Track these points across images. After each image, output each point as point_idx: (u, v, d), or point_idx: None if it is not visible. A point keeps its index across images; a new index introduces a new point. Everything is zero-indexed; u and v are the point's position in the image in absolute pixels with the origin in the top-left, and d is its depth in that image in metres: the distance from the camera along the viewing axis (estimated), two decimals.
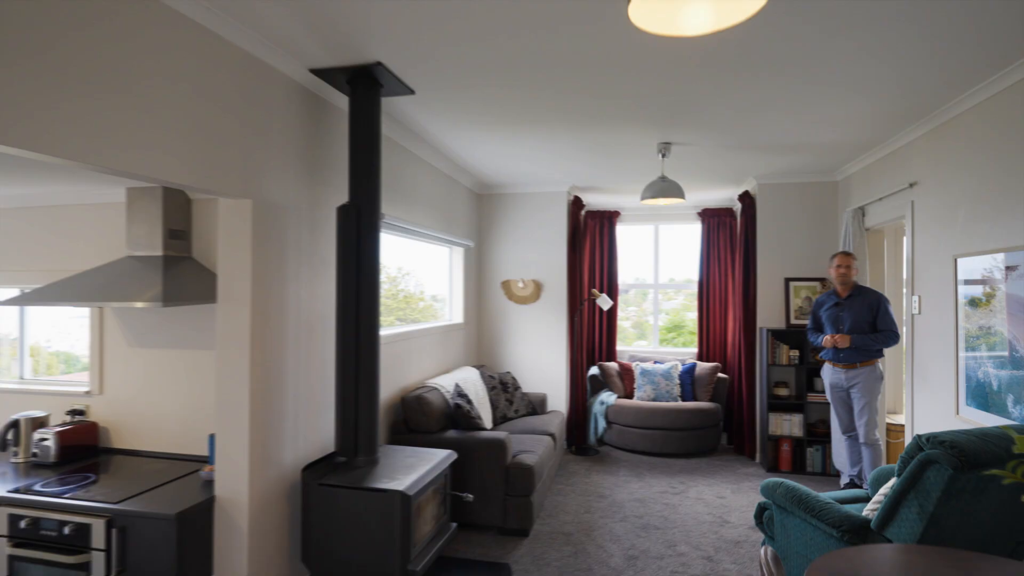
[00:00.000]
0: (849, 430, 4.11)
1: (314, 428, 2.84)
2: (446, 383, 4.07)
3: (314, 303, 2.85)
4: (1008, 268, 2.69)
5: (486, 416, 4.36)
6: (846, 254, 4.06)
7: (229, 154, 2.26)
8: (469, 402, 3.89)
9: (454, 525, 3.04)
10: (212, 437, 2.63)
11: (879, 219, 4.13)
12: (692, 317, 6.85)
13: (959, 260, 3.09)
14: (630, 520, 3.71)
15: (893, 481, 2.39)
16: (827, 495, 2.85)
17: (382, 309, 4.14)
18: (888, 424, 4.41)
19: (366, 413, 2.73)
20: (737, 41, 2.43)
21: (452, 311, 5.21)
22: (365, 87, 2.78)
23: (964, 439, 2.06)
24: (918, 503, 2.10)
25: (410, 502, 2.44)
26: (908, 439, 3.69)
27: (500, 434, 3.52)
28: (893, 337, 3.85)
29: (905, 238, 3.75)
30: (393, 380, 3.77)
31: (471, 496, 3.04)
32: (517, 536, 3.46)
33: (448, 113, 3.41)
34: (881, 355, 3.96)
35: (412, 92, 2.97)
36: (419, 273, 4.73)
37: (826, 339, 4.01)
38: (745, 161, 4.47)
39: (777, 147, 4.06)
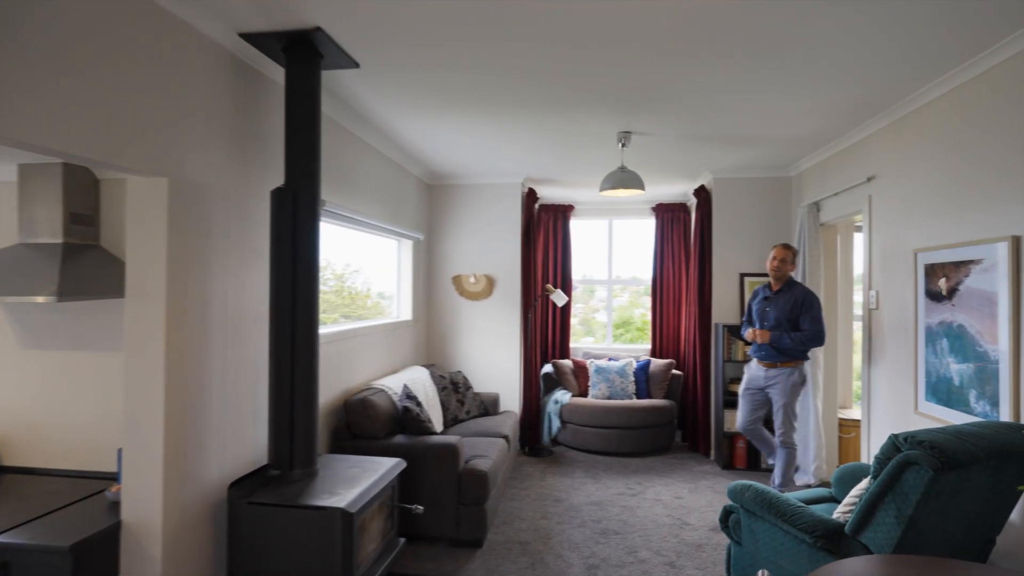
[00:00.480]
0: (749, 430, 4.03)
1: (244, 438, 2.52)
2: (393, 384, 3.80)
3: (244, 298, 2.53)
4: (971, 262, 2.68)
5: (436, 419, 4.11)
6: (784, 246, 3.92)
7: (139, 125, 1.93)
8: (418, 404, 3.63)
9: (402, 540, 2.78)
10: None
11: (835, 214, 4.14)
12: (640, 313, 6.81)
13: (919, 254, 3.08)
14: (588, 525, 3.55)
15: (866, 482, 2.31)
16: (791, 495, 2.77)
17: (326, 306, 3.82)
18: (840, 419, 4.45)
19: (304, 420, 2.44)
20: (707, 19, 2.28)
21: (400, 307, 4.91)
22: (303, 57, 2.48)
23: (942, 438, 1.98)
24: (896, 506, 2.02)
25: (352, 520, 2.18)
26: (865, 435, 3.70)
27: (452, 438, 3.29)
28: (815, 338, 3.70)
29: (862, 233, 3.75)
30: (335, 382, 3.46)
31: (421, 508, 2.80)
32: (470, 547, 3.23)
33: (397, 93, 3.13)
34: (806, 358, 3.84)
35: (357, 66, 2.68)
36: (367, 270, 4.42)
37: (748, 333, 3.94)
38: (702, 154, 4.40)
39: (736, 139, 4.00)
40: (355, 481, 2.44)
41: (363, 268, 4.36)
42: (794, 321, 3.77)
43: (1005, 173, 2.49)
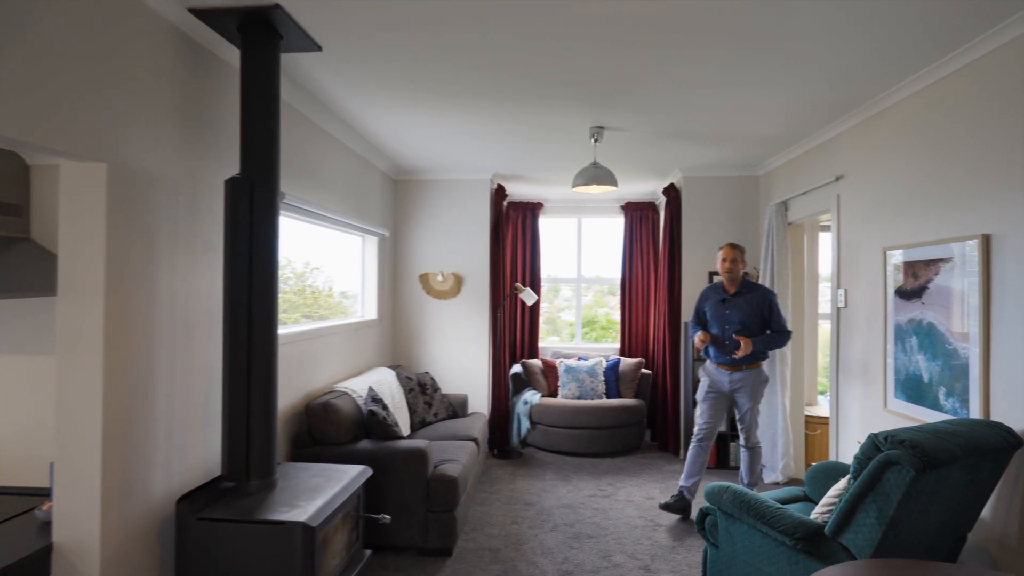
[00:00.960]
0: (707, 438, 3.74)
1: (194, 448, 2.33)
2: (358, 387, 3.63)
3: (195, 297, 2.33)
4: (941, 260, 2.70)
5: (403, 422, 3.96)
6: (732, 246, 3.69)
7: (74, 104, 1.73)
8: (384, 407, 3.48)
9: (368, 552, 2.63)
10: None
11: (803, 213, 4.17)
12: (604, 312, 6.78)
13: (889, 253, 3.10)
14: (561, 529, 3.47)
15: (844, 483, 2.29)
16: (765, 495, 2.74)
17: (287, 306, 3.63)
18: (807, 417, 4.49)
19: (261, 426, 2.27)
20: (685, 10, 2.22)
21: (365, 307, 4.73)
22: (260, 37, 2.30)
23: (923, 437, 1.96)
24: (877, 507, 1.99)
25: (314, 534, 2.02)
26: (834, 433, 3.72)
27: (420, 443, 3.15)
28: (787, 336, 3.64)
29: (830, 232, 3.77)
30: (296, 385, 3.28)
31: (388, 518, 2.65)
32: (439, 556, 3.10)
33: (362, 80, 2.98)
34: (765, 358, 3.73)
35: (319, 49, 2.52)
36: (329, 268, 4.22)
37: (699, 338, 3.64)
38: (674, 151, 4.37)
39: (708, 136, 3.97)
40: (317, 491, 2.28)
41: (325, 266, 4.16)
42: (761, 323, 3.63)
43: (976, 171, 2.51)
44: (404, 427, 3.96)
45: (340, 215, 3.73)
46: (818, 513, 2.32)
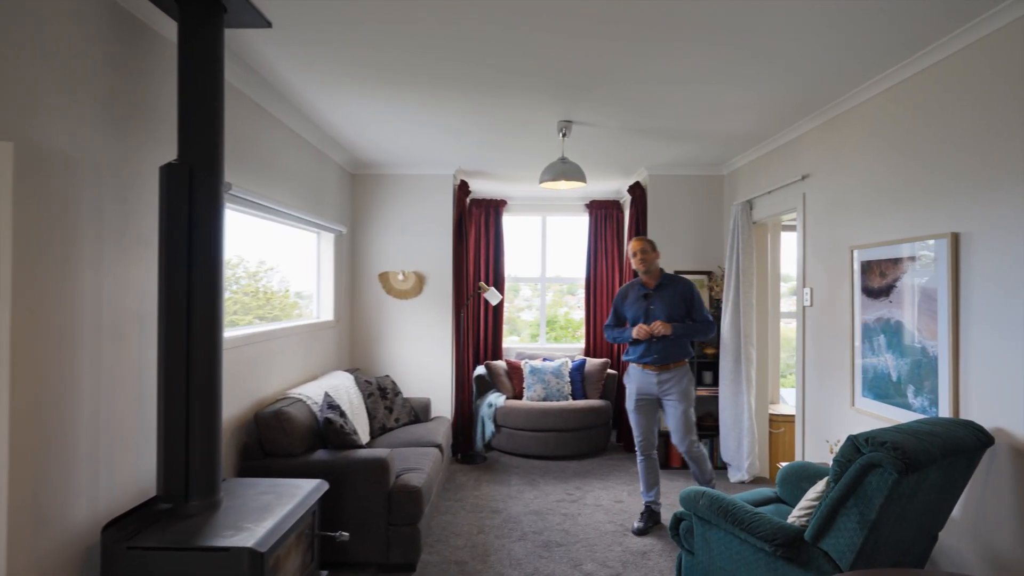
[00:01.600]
0: (651, 447, 3.55)
1: (125, 467, 2.08)
2: (313, 392, 3.40)
3: (126, 297, 2.09)
4: (909, 259, 2.69)
5: (362, 429, 3.75)
6: (640, 238, 3.56)
7: None
8: (342, 415, 3.27)
9: (324, 573, 2.43)
10: None
11: (768, 212, 4.16)
12: (564, 312, 6.69)
13: (856, 251, 3.09)
14: (529, 538, 3.34)
15: (823, 485, 2.23)
16: (736, 497, 2.68)
17: (238, 307, 3.37)
18: (771, 415, 4.50)
19: (203, 439, 2.04)
20: (660, 2, 2.12)
21: (320, 307, 4.48)
22: (201, 9, 2.08)
23: (903, 439, 1.91)
24: (859, 511, 1.93)
25: (263, 560, 1.82)
26: (800, 431, 3.72)
27: (381, 452, 2.96)
28: (711, 327, 3.46)
29: (796, 231, 3.77)
30: (244, 392, 3.03)
31: (346, 535, 2.46)
32: (402, 572, 2.92)
33: (316, 63, 2.77)
34: (690, 354, 3.56)
35: (269, 25, 2.30)
36: (284, 267, 3.96)
37: (639, 329, 3.39)
38: (641, 148, 4.30)
39: (676, 133, 3.92)
40: (267, 511, 2.07)
41: (279, 265, 3.91)
42: (686, 316, 3.47)
43: (944, 170, 2.51)
44: (363, 434, 3.75)
45: (294, 210, 3.49)
46: (795, 517, 2.26)
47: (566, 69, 2.81)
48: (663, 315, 3.41)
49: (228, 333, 2.91)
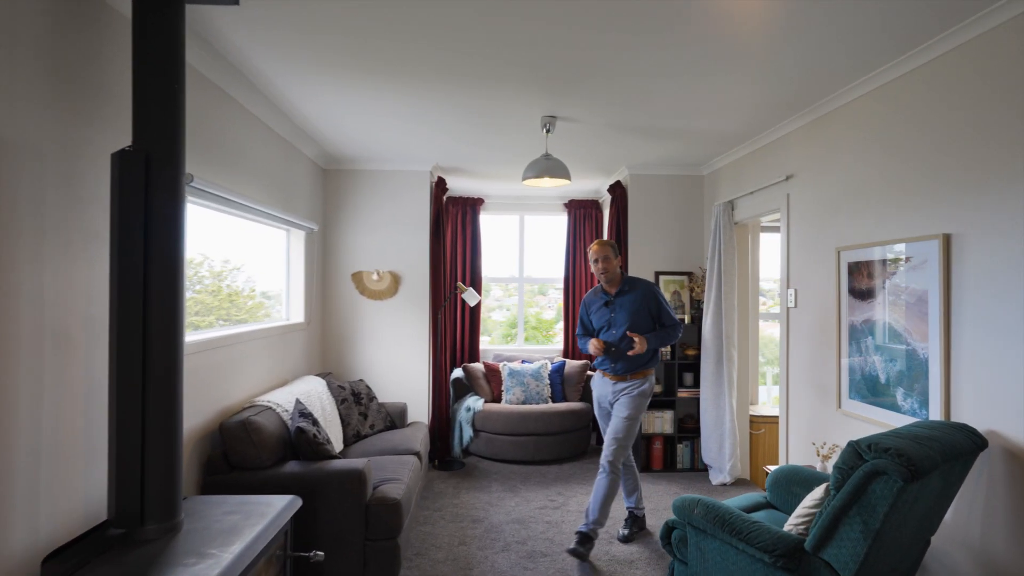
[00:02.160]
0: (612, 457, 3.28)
1: (70, 489, 1.88)
2: (283, 399, 3.21)
3: (72, 299, 1.88)
4: (899, 260, 2.66)
5: (336, 437, 3.57)
6: (600, 243, 3.30)
7: None
8: (314, 423, 3.08)
9: None
10: None
11: (750, 213, 4.13)
12: (535, 312, 6.57)
13: (842, 252, 3.06)
14: (513, 549, 3.21)
15: (821, 492, 2.17)
16: (728, 503, 2.61)
17: (200, 307, 3.15)
18: (752, 416, 4.47)
19: (160, 455, 1.85)
20: None
21: (290, 308, 4.27)
22: None
23: (906, 445, 1.85)
24: (862, 520, 1.86)
25: None
26: (783, 433, 3.67)
27: (357, 463, 2.79)
28: (679, 328, 3.31)
29: (781, 232, 3.73)
30: (208, 400, 2.83)
31: (321, 555, 2.29)
32: None
33: (287, 48, 2.59)
34: (656, 363, 3.35)
35: (235, 2, 2.11)
36: (250, 267, 3.74)
37: (593, 346, 3.25)
38: (624, 146, 4.22)
39: (659, 132, 3.84)
40: (234, 533, 1.89)
41: (246, 265, 3.69)
42: (651, 321, 3.27)
43: (935, 171, 2.47)
44: (337, 442, 3.56)
45: (262, 205, 3.29)
46: (793, 525, 2.19)
47: (554, 60, 2.69)
48: (625, 322, 3.23)
49: (190, 337, 2.70)
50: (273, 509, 2.11)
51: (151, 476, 1.83)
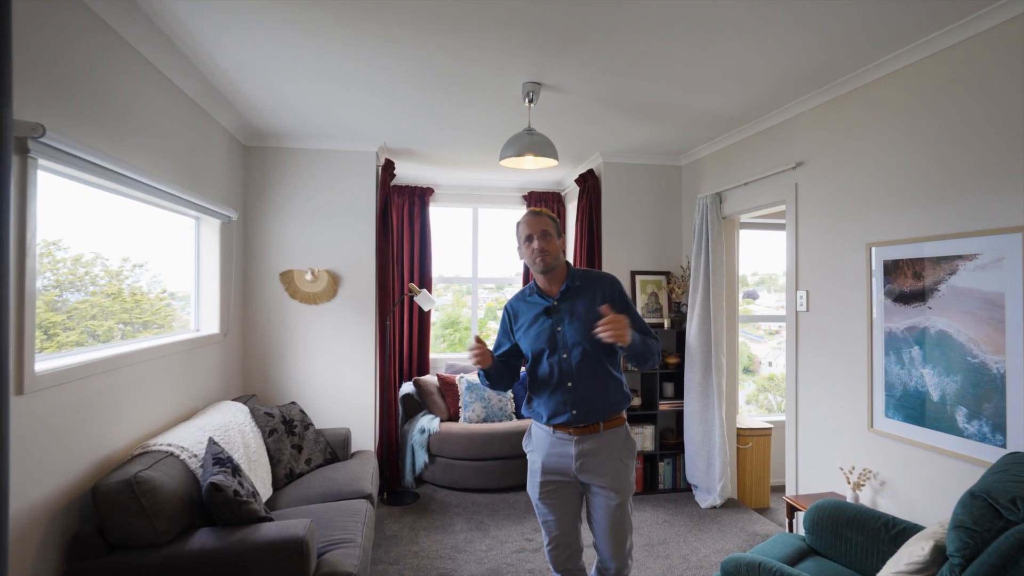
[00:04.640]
0: (573, 557, 2.13)
1: None
2: (190, 440, 2.42)
3: None
4: (961, 257, 2.26)
5: (263, 481, 2.80)
6: (537, 212, 2.08)
7: None
8: (235, 471, 2.32)
9: None
10: None
11: (746, 205, 3.71)
12: (466, 313, 5.95)
13: (875, 249, 2.66)
14: None
15: (927, 553, 1.69)
16: (758, 549, 2.13)
17: (96, 312, 2.32)
18: (738, 429, 4.07)
19: None
20: None
21: (201, 316, 3.42)
22: None
23: None
24: None
25: None
26: (792, 452, 3.23)
27: (295, 526, 2.07)
28: (660, 345, 2.10)
29: (788, 227, 3.30)
30: (75, 450, 2.01)
31: None
32: None
33: None
34: (629, 401, 2.10)
35: None
36: (154, 264, 2.88)
37: (474, 354, 2.01)
38: (604, 127, 3.69)
39: (649, 108, 3.32)
40: None
41: (150, 262, 2.82)
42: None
43: (1008, 153, 2.09)
44: (265, 487, 2.80)
45: (159, 182, 2.47)
46: None
47: (548, 11, 2.10)
48: (582, 338, 1.99)
49: (47, 362, 1.88)
50: None
51: None
